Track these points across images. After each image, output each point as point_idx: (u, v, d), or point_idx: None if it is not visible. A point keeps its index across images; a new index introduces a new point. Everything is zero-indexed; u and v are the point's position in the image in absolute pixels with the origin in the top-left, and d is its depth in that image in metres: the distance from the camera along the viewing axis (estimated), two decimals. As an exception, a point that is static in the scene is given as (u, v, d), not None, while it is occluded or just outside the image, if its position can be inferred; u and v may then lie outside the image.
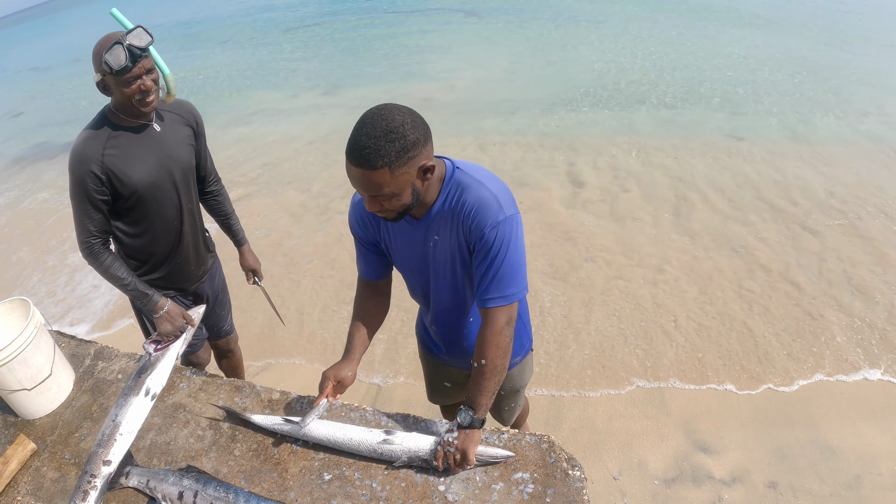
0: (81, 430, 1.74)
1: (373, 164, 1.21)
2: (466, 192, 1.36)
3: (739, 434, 2.77)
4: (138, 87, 1.74)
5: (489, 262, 1.38)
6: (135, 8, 30.00)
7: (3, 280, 5.01)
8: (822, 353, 3.23)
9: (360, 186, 1.29)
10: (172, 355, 1.81)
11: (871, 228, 4.34)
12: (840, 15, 11.60)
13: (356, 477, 1.48)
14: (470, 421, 1.45)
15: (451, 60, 10.28)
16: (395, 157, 1.21)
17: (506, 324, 1.43)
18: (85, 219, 1.82)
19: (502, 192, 1.37)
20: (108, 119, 1.83)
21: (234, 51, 14.34)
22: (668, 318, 3.56)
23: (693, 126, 6.62)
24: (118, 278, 1.89)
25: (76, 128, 7.86)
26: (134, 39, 1.70)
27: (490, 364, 1.43)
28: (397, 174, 1.24)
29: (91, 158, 1.76)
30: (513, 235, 1.36)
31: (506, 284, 1.40)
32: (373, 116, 1.23)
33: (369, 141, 1.20)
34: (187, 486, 1.45)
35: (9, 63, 20.54)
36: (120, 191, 1.83)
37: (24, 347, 1.72)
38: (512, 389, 1.88)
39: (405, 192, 1.29)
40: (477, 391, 1.46)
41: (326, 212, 5.38)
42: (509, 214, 1.35)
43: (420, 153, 1.26)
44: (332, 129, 7.54)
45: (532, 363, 1.94)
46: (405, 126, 1.22)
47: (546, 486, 1.43)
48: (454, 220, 1.39)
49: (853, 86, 7.49)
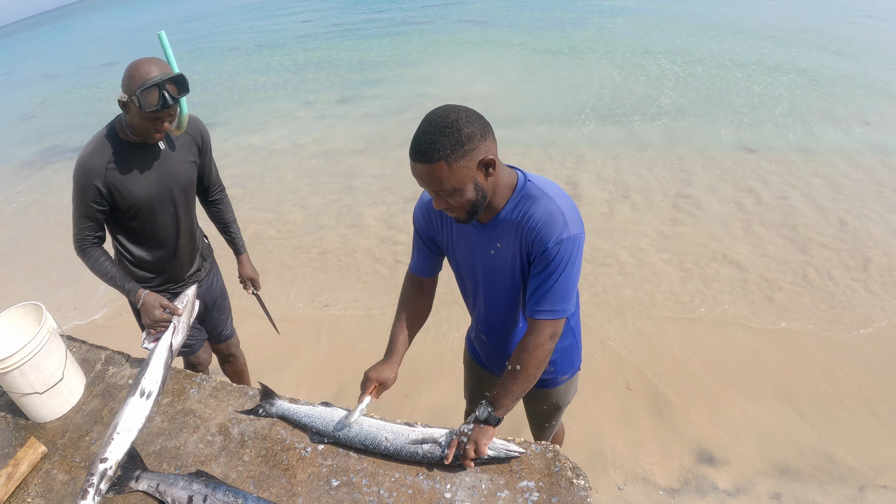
0: (91, 434, 1.76)
1: (429, 158, 1.26)
2: (535, 205, 1.39)
3: (744, 445, 2.77)
4: (158, 130, 1.83)
5: (546, 275, 1.40)
6: (142, 16, 30.31)
7: (16, 284, 5.05)
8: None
9: (421, 182, 1.33)
10: (163, 348, 1.82)
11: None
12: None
13: (363, 483, 1.50)
14: (487, 416, 1.49)
15: (461, 72, 10.34)
16: (450, 150, 1.25)
17: (549, 337, 1.46)
18: (81, 222, 1.92)
19: (570, 210, 1.39)
20: (115, 133, 1.88)
21: (242, 60, 14.46)
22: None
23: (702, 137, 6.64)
24: (102, 272, 1.97)
25: (85, 133, 7.96)
26: (172, 88, 1.74)
27: (524, 372, 1.47)
28: (455, 167, 1.27)
29: (95, 171, 1.82)
30: (573, 254, 1.38)
31: (557, 300, 1.42)
32: (431, 115, 1.30)
33: (426, 136, 1.26)
34: (197, 491, 1.47)
35: (21, 69, 20.76)
36: (120, 203, 1.90)
37: (36, 352, 1.75)
38: (554, 406, 1.89)
39: (467, 187, 1.32)
40: (503, 392, 1.49)
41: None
42: (574, 233, 1.37)
43: (477, 147, 1.29)
44: (342, 138, 7.59)
45: (577, 383, 1.95)
46: (459, 121, 1.26)
47: (551, 495, 1.44)
48: (519, 231, 1.41)
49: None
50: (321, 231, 5.25)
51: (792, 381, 3.15)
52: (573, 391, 1.92)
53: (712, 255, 4.31)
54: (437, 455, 1.52)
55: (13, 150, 9.54)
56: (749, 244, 4.43)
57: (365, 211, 5.51)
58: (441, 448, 1.52)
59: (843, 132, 6.43)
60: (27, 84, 16.73)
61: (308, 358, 3.62)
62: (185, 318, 1.93)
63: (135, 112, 1.77)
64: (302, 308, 4.16)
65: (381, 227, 5.18)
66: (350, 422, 1.59)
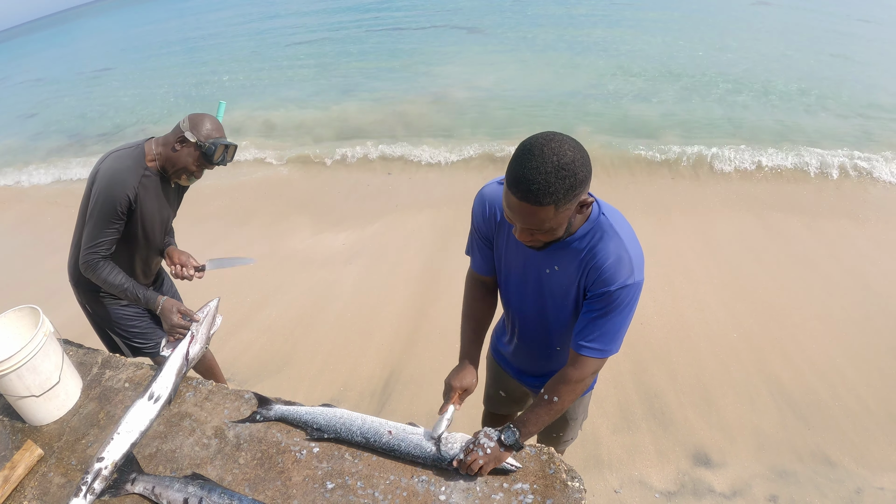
0: (88, 437, 1.76)
1: (540, 201, 1.17)
2: (605, 243, 1.33)
3: (741, 448, 2.78)
4: (194, 174, 2.10)
5: (602, 315, 1.37)
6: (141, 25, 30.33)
7: (14, 288, 5.06)
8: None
9: (519, 220, 1.25)
10: (178, 356, 1.86)
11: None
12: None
13: (358, 486, 1.50)
14: (513, 443, 1.48)
15: (456, 71, 10.37)
16: (562, 196, 1.17)
17: (591, 373, 1.45)
18: (102, 234, 2.01)
19: (637, 257, 1.35)
20: (144, 157, 2.05)
21: (241, 64, 14.49)
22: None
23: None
24: (117, 285, 2.07)
25: (79, 142, 7.98)
26: (230, 154, 2.10)
27: (560, 404, 1.47)
28: (561, 210, 1.21)
29: (129, 185, 1.98)
30: (632, 300, 1.36)
31: (608, 340, 1.40)
32: (542, 149, 1.16)
33: (538, 176, 1.15)
34: (192, 493, 1.48)
35: (15, 74, 20.77)
36: (128, 219, 2.05)
37: (33, 354, 1.75)
38: (563, 418, 1.87)
39: (562, 227, 1.28)
40: (533, 419, 1.49)
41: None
42: (638, 280, 1.34)
43: (585, 190, 1.22)
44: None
45: (588, 401, 1.95)
46: (576, 163, 1.16)
47: (545, 497, 1.45)
48: (582, 263, 1.37)
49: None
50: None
51: (787, 382, 3.15)
52: (586, 406, 1.93)
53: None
54: (437, 454, 1.52)
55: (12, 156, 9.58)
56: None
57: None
58: (443, 445, 1.52)
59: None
60: (19, 89, 16.74)
61: (304, 361, 3.62)
62: (203, 328, 1.98)
63: (191, 153, 2.03)
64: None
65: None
66: (437, 435, 1.54)
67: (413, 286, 4.24)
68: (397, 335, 3.73)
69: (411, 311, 3.96)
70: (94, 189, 1.99)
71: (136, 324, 2.33)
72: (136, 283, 2.09)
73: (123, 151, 2.06)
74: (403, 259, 4.65)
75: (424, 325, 3.81)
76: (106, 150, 2.25)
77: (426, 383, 3.27)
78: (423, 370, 3.38)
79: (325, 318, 3.99)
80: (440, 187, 6.10)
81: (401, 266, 4.54)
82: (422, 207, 5.56)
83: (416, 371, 3.37)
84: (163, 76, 14.47)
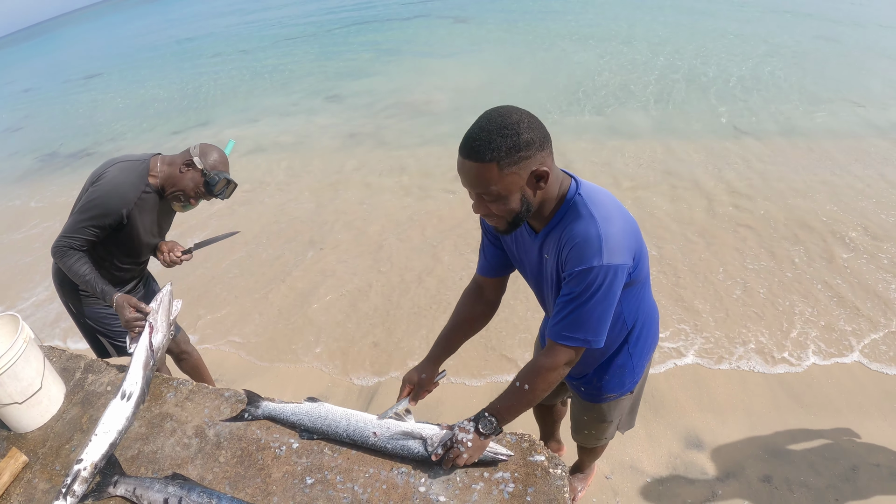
0: (72, 442, 1.76)
1: (481, 157, 1.18)
2: (575, 223, 1.29)
3: (733, 429, 2.77)
4: (192, 202, 2.16)
5: (569, 299, 1.31)
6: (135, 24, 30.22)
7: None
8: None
9: (467, 181, 1.25)
10: (142, 349, 1.83)
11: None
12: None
13: (338, 480, 1.50)
14: (491, 430, 1.45)
15: (444, 67, 10.33)
16: (504, 154, 1.17)
17: (564, 363, 1.39)
18: (82, 231, 2.02)
19: (613, 237, 1.26)
20: (147, 173, 2.09)
21: (227, 62, 14.46)
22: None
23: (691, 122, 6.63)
24: (79, 274, 2.05)
25: (78, 140, 7.99)
26: (230, 191, 2.18)
27: (531, 392, 1.42)
28: (506, 173, 1.20)
29: (126, 201, 2.03)
30: (603, 284, 1.26)
31: (577, 327, 1.33)
32: (490, 112, 1.21)
33: (482, 133, 1.18)
34: (172, 493, 1.48)
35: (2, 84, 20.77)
36: (119, 230, 2.09)
37: (13, 362, 1.75)
38: (596, 419, 1.86)
39: (513, 197, 1.24)
40: (506, 408, 1.45)
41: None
42: (607, 263, 1.24)
43: (533, 156, 1.20)
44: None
45: (632, 404, 1.90)
46: (520, 124, 1.18)
47: (527, 485, 1.44)
48: (557, 245, 1.35)
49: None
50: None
51: (779, 361, 3.15)
52: (623, 410, 1.87)
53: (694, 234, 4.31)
54: (424, 453, 1.51)
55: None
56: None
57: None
58: (429, 445, 1.51)
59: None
60: (8, 100, 16.75)
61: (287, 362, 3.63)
62: (161, 316, 1.92)
63: (195, 178, 2.09)
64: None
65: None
66: (379, 423, 1.57)
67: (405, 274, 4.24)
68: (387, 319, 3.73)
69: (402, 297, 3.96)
70: (92, 189, 2.01)
71: (119, 322, 2.33)
72: (100, 276, 2.07)
73: (130, 164, 2.08)
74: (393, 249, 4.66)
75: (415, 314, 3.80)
76: (89, 165, 2.27)
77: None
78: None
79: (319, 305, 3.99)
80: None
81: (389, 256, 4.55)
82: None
83: (406, 364, 3.37)
84: (151, 79, 14.47)
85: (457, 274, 4.24)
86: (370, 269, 4.49)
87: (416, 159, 6.61)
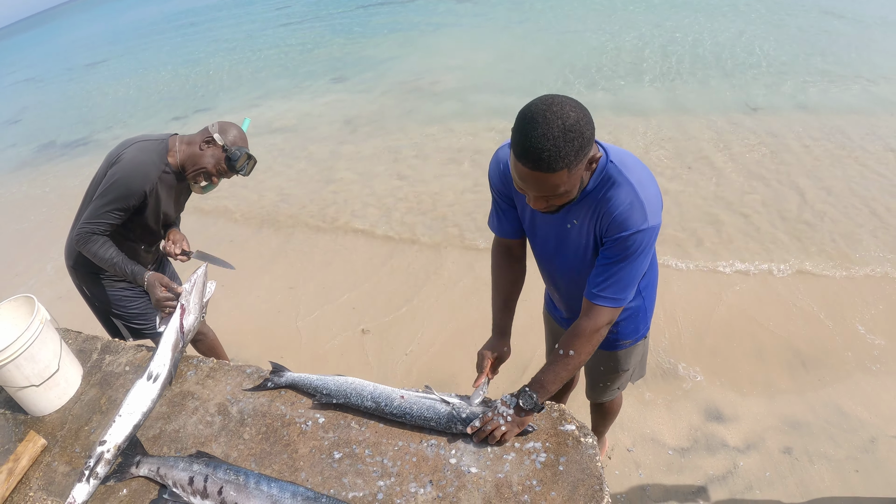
0: (91, 424, 1.73)
1: (552, 167, 1.14)
2: (616, 190, 1.30)
3: (752, 402, 2.75)
4: (213, 181, 2.12)
5: (615, 263, 1.34)
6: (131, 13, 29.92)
7: (10, 279, 5.06)
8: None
9: (533, 188, 1.23)
10: (171, 330, 1.80)
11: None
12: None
13: (366, 454, 1.47)
14: (532, 406, 1.44)
15: (451, 48, 10.22)
16: (573, 158, 1.15)
17: (606, 324, 1.41)
18: (106, 215, 1.99)
19: (651, 200, 1.30)
20: (167, 153, 2.06)
21: (234, 46, 14.32)
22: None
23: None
24: (107, 258, 2.03)
25: (74, 131, 7.93)
26: (251, 166, 2.14)
27: (577, 357, 1.43)
28: (573, 172, 1.19)
29: (149, 179, 1.99)
30: (647, 245, 1.32)
31: (621, 288, 1.37)
32: (545, 114, 1.12)
33: (547, 143, 1.12)
34: (197, 472, 1.45)
35: (5, 73, 20.57)
36: (140, 210, 2.06)
37: (30, 343, 1.71)
38: (613, 368, 1.86)
39: (576, 188, 1.26)
40: (551, 377, 1.45)
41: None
42: (652, 225, 1.29)
43: (592, 147, 1.21)
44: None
45: (644, 351, 1.91)
46: (580, 123, 1.13)
47: (559, 455, 1.42)
48: (596, 212, 1.35)
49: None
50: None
51: (797, 334, 3.13)
52: (637, 357, 1.88)
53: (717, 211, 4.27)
54: (454, 415, 1.48)
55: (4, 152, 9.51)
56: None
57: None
58: (462, 412, 1.48)
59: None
60: (11, 89, 16.60)
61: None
62: (194, 298, 1.87)
63: (216, 154, 2.06)
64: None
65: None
66: (474, 404, 1.51)
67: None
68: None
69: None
70: (112, 171, 1.98)
71: (135, 304, 2.30)
72: (127, 258, 2.05)
73: (149, 143, 2.05)
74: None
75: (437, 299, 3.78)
76: (100, 153, 2.24)
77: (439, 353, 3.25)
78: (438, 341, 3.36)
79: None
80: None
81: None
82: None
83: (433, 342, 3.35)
84: (153, 65, 14.32)
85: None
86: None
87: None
